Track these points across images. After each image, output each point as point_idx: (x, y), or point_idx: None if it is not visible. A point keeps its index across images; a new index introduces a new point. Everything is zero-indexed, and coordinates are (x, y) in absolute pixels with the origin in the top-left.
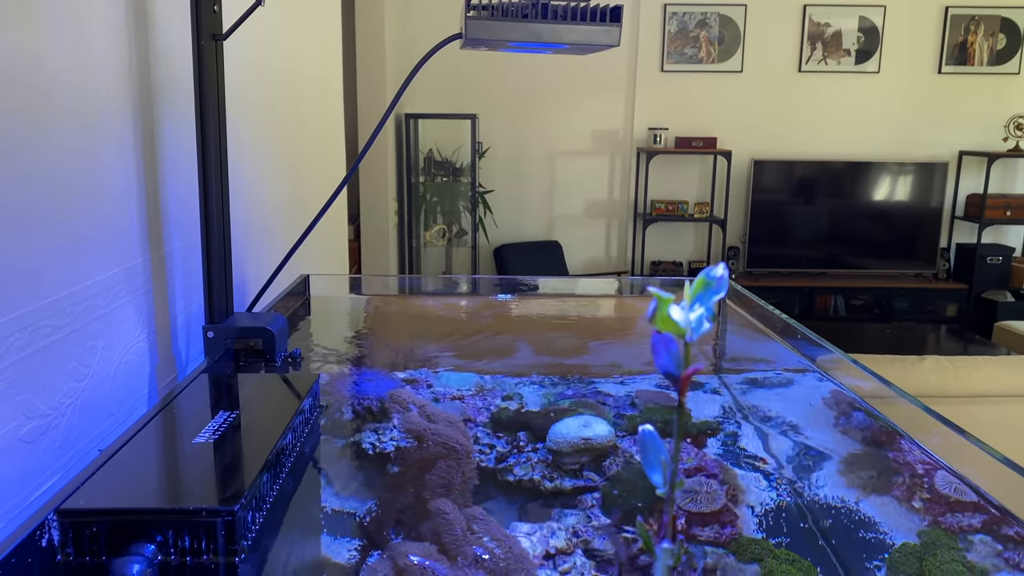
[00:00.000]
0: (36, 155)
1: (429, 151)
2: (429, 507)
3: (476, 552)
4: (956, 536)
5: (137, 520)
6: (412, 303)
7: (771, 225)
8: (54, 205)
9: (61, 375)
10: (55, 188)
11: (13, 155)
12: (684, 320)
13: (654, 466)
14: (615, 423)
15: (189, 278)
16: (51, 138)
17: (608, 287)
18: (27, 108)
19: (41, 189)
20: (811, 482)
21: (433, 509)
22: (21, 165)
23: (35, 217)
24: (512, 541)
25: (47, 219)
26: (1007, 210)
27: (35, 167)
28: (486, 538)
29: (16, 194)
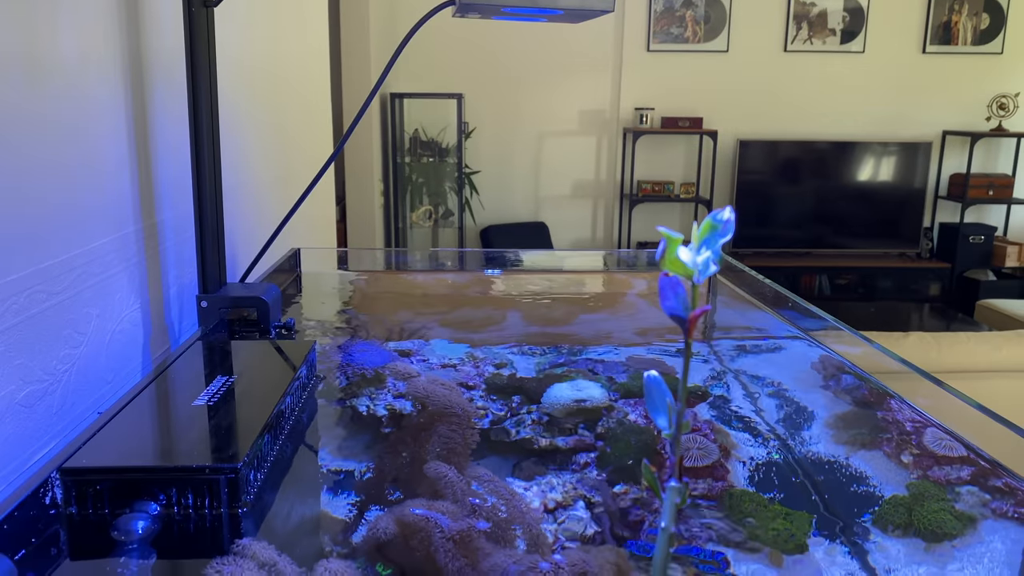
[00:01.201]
0: (30, 122)
1: (415, 131)
2: (428, 469)
3: (473, 502)
4: (944, 488)
5: (140, 478)
6: (403, 277)
7: (756, 205)
8: (48, 171)
9: (57, 341)
10: (49, 154)
11: (7, 122)
12: (692, 261)
13: (659, 410)
14: (608, 387)
15: (181, 249)
16: (44, 105)
17: (596, 261)
18: (20, 75)
19: (35, 155)
20: (801, 439)
21: (433, 470)
22: (15, 131)
23: (29, 182)
24: (517, 497)
25: (41, 184)
26: (989, 189)
27: (29, 134)
28: (490, 495)
29: (9, 158)
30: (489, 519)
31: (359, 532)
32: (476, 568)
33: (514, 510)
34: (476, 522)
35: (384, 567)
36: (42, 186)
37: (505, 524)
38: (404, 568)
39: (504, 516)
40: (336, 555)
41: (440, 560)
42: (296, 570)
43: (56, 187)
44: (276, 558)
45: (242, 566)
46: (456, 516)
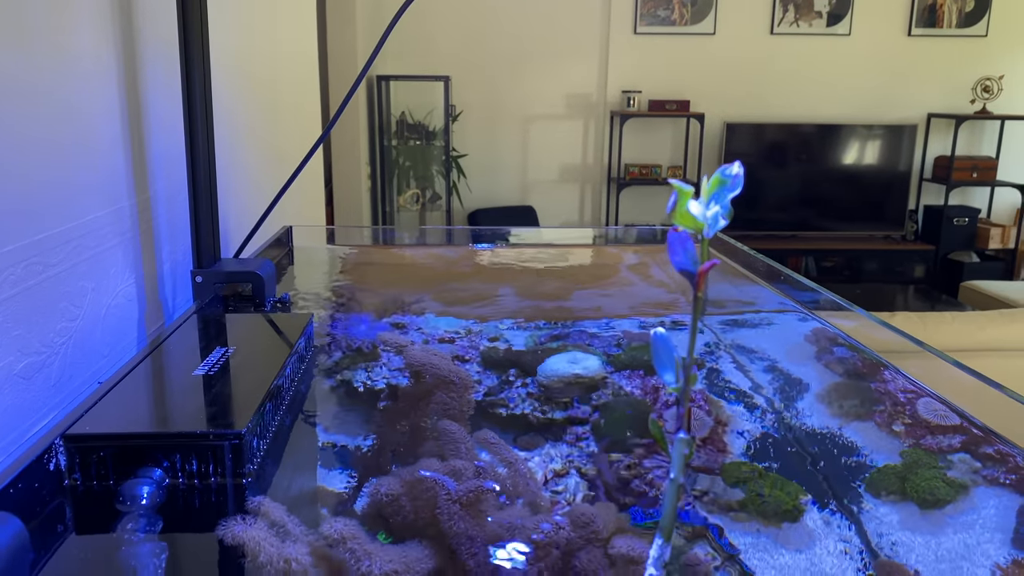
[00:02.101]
0: (22, 94)
1: (401, 114)
2: (438, 426)
3: (479, 465)
4: (936, 456)
5: (144, 444)
6: (395, 253)
7: (743, 188)
8: (41, 143)
9: (54, 314)
10: (41, 126)
11: (2, 93)
12: (702, 215)
13: (666, 366)
14: (603, 360)
15: (173, 225)
16: (36, 78)
17: (587, 237)
18: (12, 47)
19: (27, 127)
20: (795, 411)
21: (440, 428)
22: (7, 104)
23: (22, 154)
24: (521, 462)
25: (34, 156)
26: (973, 172)
27: (20, 106)
28: (495, 459)
29: (4, 131)
30: (494, 481)
31: (362, 497)
32: (482, 529)
33: (517, 474)
34: (483, 483)
35: (385, 536)
36: (35, 158)
37: (509, 487)
38: (409, 530)
39: (508, 479)
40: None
41: (444, 522)
42: (304, 529)
43: (49, 159)
44: (285, 519)
45: (252, 523)
46: (462, 477)
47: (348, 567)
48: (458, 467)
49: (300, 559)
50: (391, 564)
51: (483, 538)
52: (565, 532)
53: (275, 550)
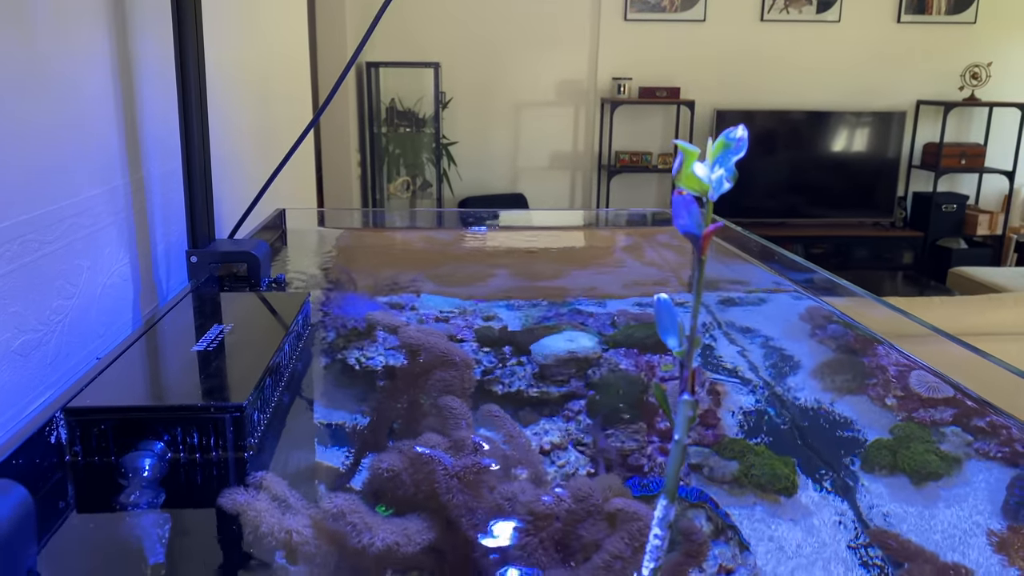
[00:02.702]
0: (15, 69)
1: (391, 101)
2: (439, 403)
3: (476, 440)
4: (928, 429)
5: (145, 417)
6: (388, 236)
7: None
8: (37, 120)
9: (50, 291)
10: (35, 102)
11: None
12: (707, 177)
13: (669, 331)
14: (597, 338)
15: (167, 207)
16: (29, 54)
17: (577, 218)
18: (12, 28)
19: (20, 102)
20: (788, 387)
21: (441, 404)
22: (5, 81)
23: (19, 131)
24: (523, 436)
25: (30, 133)
26: (962, 158)
27: (12, 81)
28: (499, 433)
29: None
30: (494, 456)
31: (363, 472)
32: (481, 501)
33: (519, 448)
34: (481, 459)
35: (385, 508)
36: (30, 135)
37: (511, 461)
38: (408, 503)
39: (509, 453)
40: (341, 490)
41: (444, 495)
42: (304, 503)
43: (44, 137)
44: (286, 492)
45: (253, 495)
46: (460, 452)
47: (349, 539)
48: (459, 442)
49: (301, 531)
50: (392, 536)
51: (483, 510)
52: (566, 504)
53: (276, 521)
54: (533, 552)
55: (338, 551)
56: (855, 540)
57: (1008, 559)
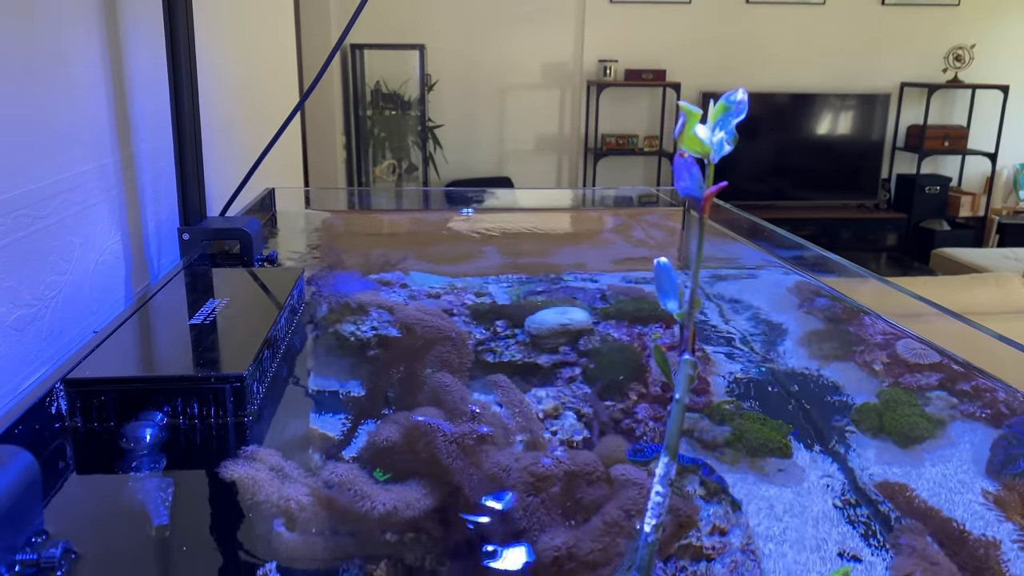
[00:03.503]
0: (9, 46)
1: (376, 84)
2: (431, 378)
3: (473, 410)
4: (915, 393)
5: (145, 388)
6: (377, 216)
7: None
8: (28, 95)
9: (44, 267)
10: (25, 78)
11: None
12: (708, 139)
13: (669, 294)
14: (589, 311)
15: (157, 185)
16: (18, 29)
17: (565, 198)
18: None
19: (10, 78)
20: (777, 354)
21: (435, 382)
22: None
23: (10, 106)
24: (526, 404)
25: (21, 108)
26: (945, 140)
27: (9, 59)
28: (505, 402)
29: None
30: (493, 424)
31: (362, 443)
32: (480, 467)
33: (523, 417)
34: (478, 426)
35: (383, 473)
36: (21, 110)
37: (513, 429)
38: (408, 471)
39: (512, 422)
40: (341, 460)
41: (444, 461)
42: (303, 473)
43: (35, 112)
44: (283, 463)
45: (253, 466)
46: (458, 422)
47: (349, 507)
48: (457, 411)
49: (300, 499)
50: (392, 502)
51: (484, 473)
52: (565, 465)
53: (276, 490)
54: (534, 512)
55: (339, 517)
56: (842, 499)
57: (1002, 515)
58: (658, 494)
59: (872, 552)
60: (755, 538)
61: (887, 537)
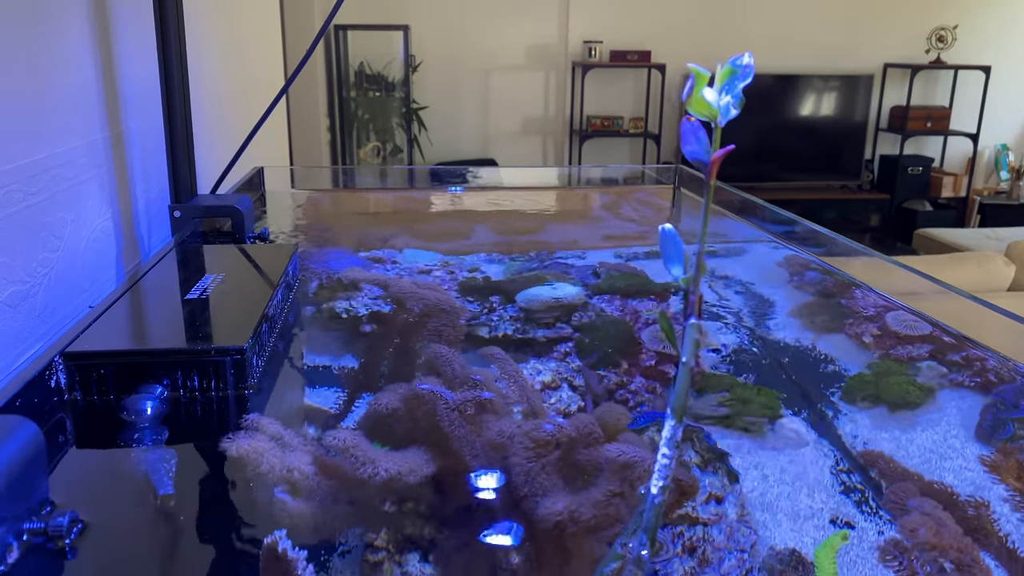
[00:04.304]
0: None
1: (360, 65)
2: (427, 351)
3: (475, 379)
4: (906, 364)
5: (145, 362)
6: (367, 194)
7: None
8: (16, 69)
9: (36, 243)
10: (17, 52)
11: None
12: (716, 102)
13: (674, 260)
14: (582, 286)
15: (146, 163)
16: (12, 7)
17: (553, 177)
18: None
19: (3, 53)
20: (769, 327)
21: (431, 351)
22: None
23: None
24: (523, 376)
25: (10, 83)
26: (927, 121)
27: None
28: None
29: None
30: (493, 392)
31: (361, 412)
32: (482, 435)
33: (521, 387)
34: (480, 393)
35: (381, 443)
36: (8, 85)
37: (512, 398)
38: (409, 440)
39: (510, 391)
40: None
41: (445, 428)
42: (304, 441)
43: (24, 87)
44: (283, 432)
45: (255, 436)
46: (458, 390)
47: (352, 474)
48: (458, 380)
49: (302, 468)
50: (395, 468)
51: (484, 441)
52: (567, 431)
53: (279, 460)
54: (535, 477)
55: (341, 484)
56: (836, 467)
57: (998, 478)
58: (664, 456)
59: (865, 518)
60: (749, 506)
61: (890, 498)
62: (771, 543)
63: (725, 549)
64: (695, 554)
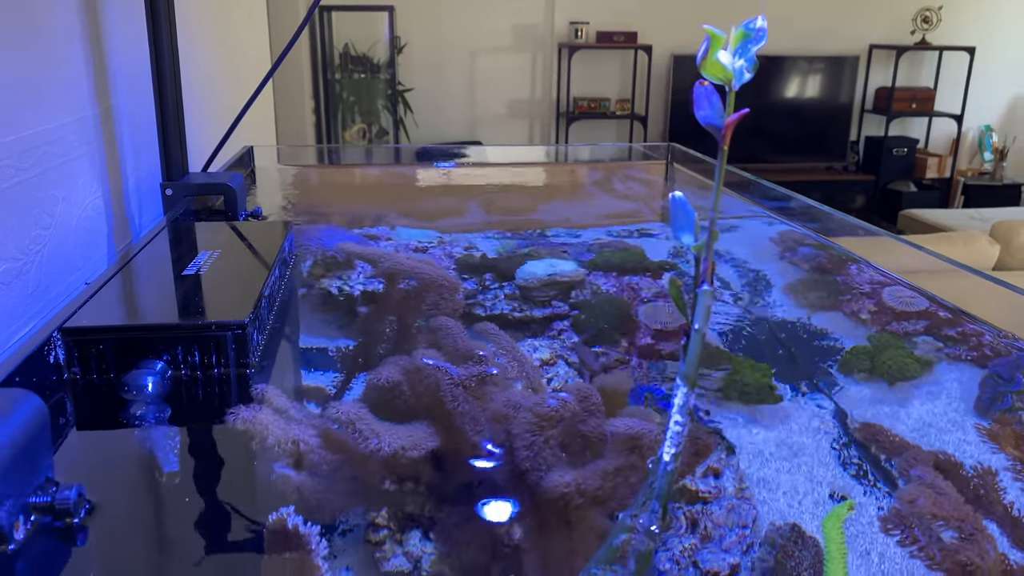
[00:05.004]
0: None
1: (345, 46)
2: (432, 321)
3: (480, 354)
4: (902, 338)
5: (145, 337)
6: (359, 172)
7: (690, 121)
8: (5, 45)
9: (28, 220)
10: (4, 30)
11: None
12: (730, 64)
13: (684, 228)
14: (578, 263)
15: (136, 140)
16: None
17: (542, 155)
18: None
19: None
20: (765, 303)
21: (436, 322)
22: None
23: None
24: (519, 351)
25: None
26: (912, 102)
27: None
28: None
29: None
30: (494, 368)
31: (364, 386)
32: (486, 409)
33: (517, 362)
34: (486, 368)
35: (380, 417)
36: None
37: (510, 373)
38: (411, 414)
39: (508, 366)
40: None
41: (448, 404)
42: (306, 413)
43: (12, 61)
44: (288, 404)
45: (258, 409)
46: (462, 364)
47: (357, 446)
48: (460, 354)
49: (307, 440)
50: (399, 441)
51: (488, 415)
52: (572, 406)
53: (283, 433)
54: (539, 451)
55: (346, 457)
56: (836, 441)
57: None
58: (677, 423)
59: (864, 491)
60: (747, 480)
61: (902, 467)
62: (771, 518)
63: (725, 525)
64: (696, 530)
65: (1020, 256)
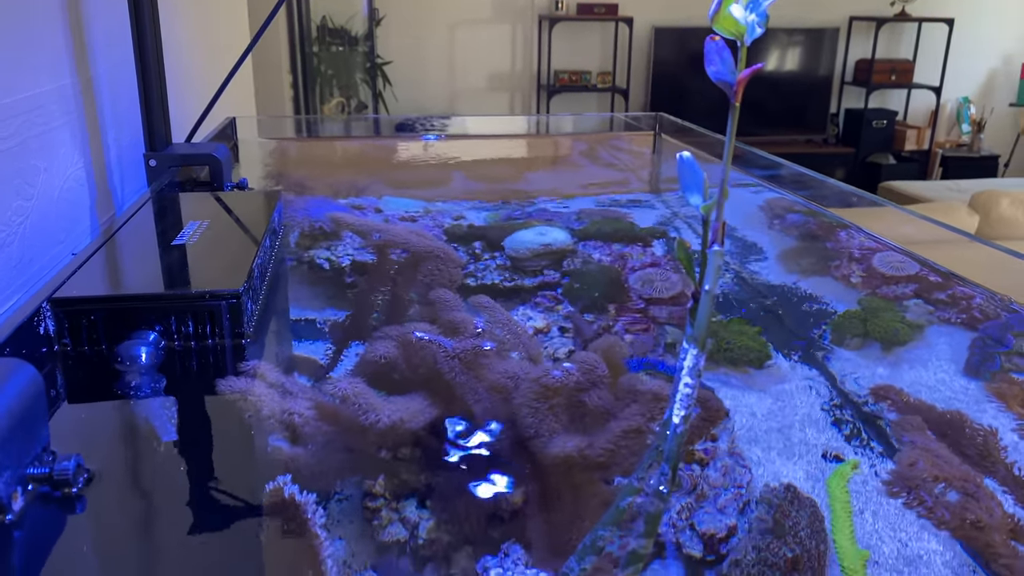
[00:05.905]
0: None
1: (322, 19)
2: (432, 294)
3: (478, 325)
4: (893, 302)
5: (138, 307)
6: (342, 144)
7: (671, 94)
8: None
9: (9, 191)
10: None
11: None
12: (743, 19)
13: (692, 188)
14: (569, 232)
15: (117, 109)
16: None
17: (525, 125)
18: None
19: None
20: (755, 269)
21: (434, 298)
22: None
23: None
24: (515, 323)
25: None
26: (892, 74)
27: None
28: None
29: None
30: (491, 340)
31: (360, 358)
32: (483, 381)
33: (513, 334)
34: (481, 342)
35: (378, 391)
36: None
37: (507, 344)
38: (409, 386)
39: (505, 337)
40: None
41: (446, 376)
42: (303, 386)
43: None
44: (282, 379)
45: (252, 382)
46: (460, 336)
47: (355, 420)
48: (457, 325)
49: (303, 412)
50: (397, 414)
51: (487, 385)
52: (575, 376)
53: (279, 404)
54: (543, 419)
55: (344, 430)
56: (828, 403)
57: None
58: (687, 385)
59: (856, 451)
60: (739, 442)
61: (891, 432)
62: (765, 479)
63: (721, 487)
64: (695, 490)
65: (998, 226)
